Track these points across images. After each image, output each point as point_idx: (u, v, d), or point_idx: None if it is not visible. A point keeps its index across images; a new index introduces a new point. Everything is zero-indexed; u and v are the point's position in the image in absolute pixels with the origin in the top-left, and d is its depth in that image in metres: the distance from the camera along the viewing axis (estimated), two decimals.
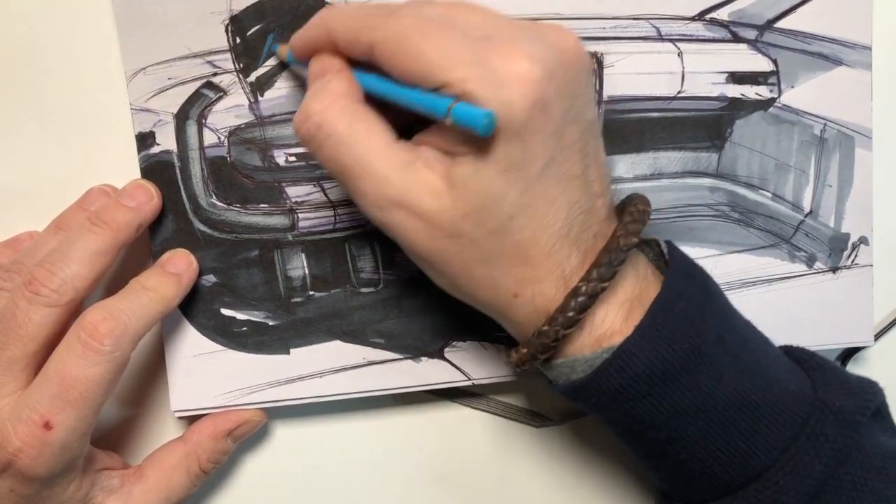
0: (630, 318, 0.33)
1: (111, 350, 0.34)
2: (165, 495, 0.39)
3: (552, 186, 0.31)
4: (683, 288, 0.33)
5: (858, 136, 0.42)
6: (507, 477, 0.45)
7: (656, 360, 0.32)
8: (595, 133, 0.33)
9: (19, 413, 0.34)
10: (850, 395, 0.35)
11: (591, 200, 0.32)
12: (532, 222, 0.31)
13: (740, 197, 0.42)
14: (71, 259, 0.35)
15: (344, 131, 0.31)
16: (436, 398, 0.44)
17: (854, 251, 0.42)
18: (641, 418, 0.33)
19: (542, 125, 0.30)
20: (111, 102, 0.40)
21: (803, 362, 0.37)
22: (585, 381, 0.33)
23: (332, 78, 0.33)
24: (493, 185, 0.30)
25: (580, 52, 0.31)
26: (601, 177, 0.33)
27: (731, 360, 0.33)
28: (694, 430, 0.33)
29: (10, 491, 0.35)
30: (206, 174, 0.40)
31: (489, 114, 0.28)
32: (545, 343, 0.32)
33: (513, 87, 0.29)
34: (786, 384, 0.35)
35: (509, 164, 0.30)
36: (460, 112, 0.29)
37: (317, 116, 0.32)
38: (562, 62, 0.30)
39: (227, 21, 0.39)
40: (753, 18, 0.41)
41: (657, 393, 0.32)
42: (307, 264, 0.41)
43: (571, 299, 0.32)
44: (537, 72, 0.29)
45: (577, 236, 0.32)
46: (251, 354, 0.41)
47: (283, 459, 0.44)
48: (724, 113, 0.41)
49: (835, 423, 0.33)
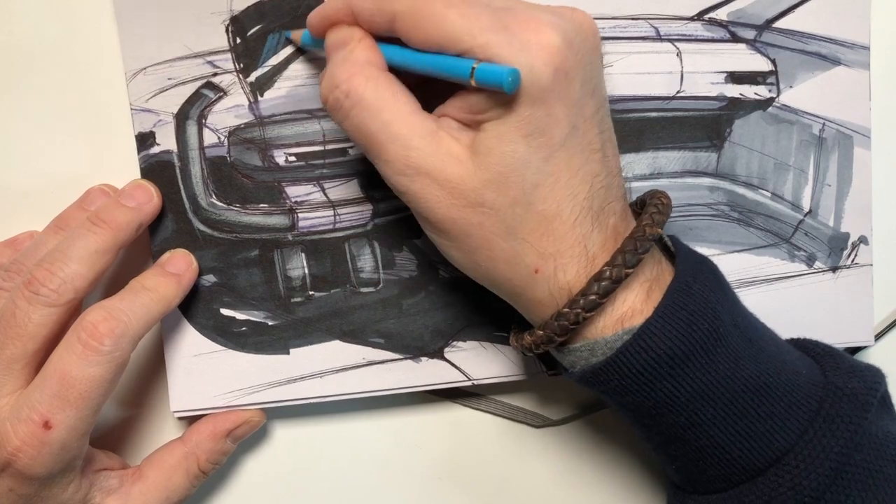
0: (651, 299, 0.33)
1: (111, 350, 0.34)
2: (165, 496, 0.39)
3: (575, 155, 0.31)
4: (696, 272, 0.34)
5: (857, 136, 0.42)
6: (507, 477, 0.45)
7: (677, 341, 0.32)
8: (608, 112, 0.34)
9: (19, 412, 0.34)
10: (859, 379, 0.35)
11: (609, 177, 0.33)
12: (555, 192, 0.31)
13: (739, 196, 0.42)
14: (71, 259, 0.36)
15: (370, 98, 0.32)
16: (436, 398, 0.44)
17: (854, 251, 0.42)
18: (661, 401, 0.33)
19: (564, 92, 0.30)
20: (111, 102, 0.40)
21: (809, 349, 0.38)
22: (606, 364, 0.33)
23: (356, 46, 0.33)
24: (516, 151, 0.30)
25: (594, 28, 0.32)
26: (616, 155, 0.34)
27: (746, 344, 0.33)
28: (713, 413, 0.33)
29: (9, 490, 0.35)
30: (206, 174, 0.40)
31: (514, 71, 0.29)
32: (564, 325, 0.32)
33: (535, 52, 0.29)
34: (798, 368, 0.35)
35: (533, 128, 0.30)
36: (485, 71, 0.29)
37: (344, 85, 0.32)
38: (579, 34, 0.31)
39: (228, 21, 0.39)
40: (752, 18, 0.41)
41: (678, 374, 0.32)
42: (307, 264, 0.41)
43: (595, 283, 0.32)
44: (558, 40, 0.30)
45: (600, 211, 0.32)
46: (251, 354, 0.41)
47: (283, 459, 0.44)
48: (723, 113, 0.41)
49: (848, 404, 0.33)
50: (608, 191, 0.33)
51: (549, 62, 0.30)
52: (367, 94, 0.32)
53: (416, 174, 0.32)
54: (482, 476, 0.45)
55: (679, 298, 0.32)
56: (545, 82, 0.30)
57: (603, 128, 0.33)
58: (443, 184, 0.31)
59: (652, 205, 0.34)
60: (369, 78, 0.32)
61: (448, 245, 0.34)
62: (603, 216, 0.32)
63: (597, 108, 0.32)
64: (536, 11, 0.31)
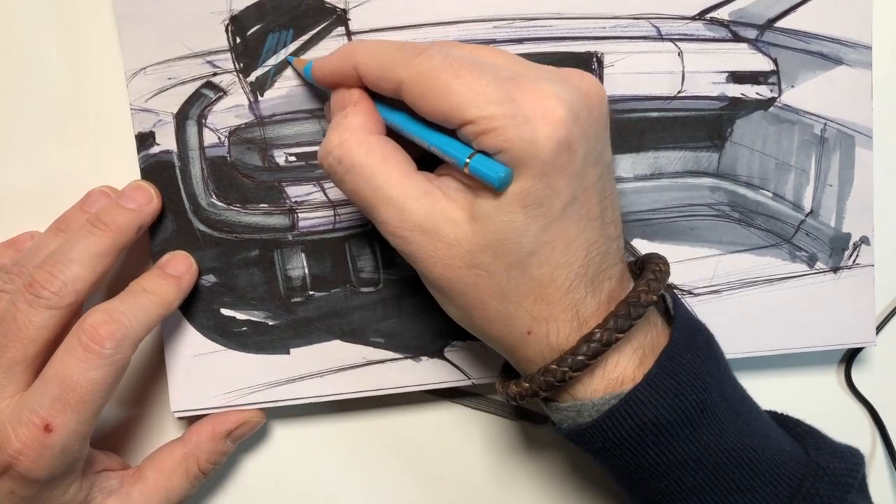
0: (643, 365, 0.33)
1: (112, 353, 0.34)
2: (165, 496, 0.39)
3: (573, 225, 0.31)
4: (690, 341, 0.34)
5: (859, 136, 0.42)
6: (507, 477, 0.45)
7: (663, 410, 0.32)
8: (611, 176, 0.34)
9: (19, 415, 0.34)
10: (840, 460, 0.35)
11: (607, 242, 0.33)
12: (551, 259, 0.31)
13: (741, 197, 0.42)
14: (71, 261, 0.36)
15: (362, 163, 0.32)
16: (436, 398, 0.44)
17: (855, 251, 0.42)
18: (644, 467, 0.33)
19: (565, 164, 0.30)
20: (111, 102, 0.40)
21: (791, 427, 0.38)
22: (592, 426, 0.33)
23: (350, 111, 0.33)
24: (514, 220, 0.31)
25: (602, 95, 0.32)
26: (616, 220, 0.34)
27: (732, 417, 0.34)
28: (694, 483, 0.33)
29: (10, 493, 0.35)
30: (206, 174, 0.40)
31: (506, 172, 0.30)
32: (550, 381, 0.32)
33: (539, 125, 0.30)
34: (782, 444, 0.35)
35: (532, 200, 0.30)
36: (478, 166, 0.30)
37: (336, 150, 0.33)
38: (585, 104, 0.31)
39: (227, 21, 0.39)
40: (754, 18, 0.41)
41: (662, 443, 0.33)
42: (307, 264, 0.41)
43: (585, 343, 0.32)
44: (563, 112, 0.30)
45: (594, 277, 0.32)
46: (251, 354, 0.41)
47: (283, 459, 0.44)
48: (725, 112, 0.41)
49: (829, 484, 0.34)
50: (605, 256, 0.33)
51: (553, 136, 0.30)
52: (358, 160, 0.32)
53: (411, 235, 0.32)
54: (482, 476, 0.45)
55: (669, 367, 0.32)
56: (547, 156, 0.30)
57: (604, 195, 0.33)
58: (438, 245, 0.32)
59: (650, 270, 0.34)
60: (361, 143, 0.32)
61: (444, 301, 0.34)
62: (598, 281, 0.33)
63: (598, 176, 0.32)
64: (543, 81, 0.31)
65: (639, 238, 0.42)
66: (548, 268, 0.31)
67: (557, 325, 0.32)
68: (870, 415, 0.46)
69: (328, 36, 0.39)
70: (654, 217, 0.41)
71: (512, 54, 0.34)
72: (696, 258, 0.42)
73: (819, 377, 0.46)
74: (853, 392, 0.46)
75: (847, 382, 0.46)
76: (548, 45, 0.40)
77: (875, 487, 0.46)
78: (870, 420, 0.46)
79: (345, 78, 0.34)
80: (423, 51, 0.31)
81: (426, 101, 0.31)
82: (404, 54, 0.32)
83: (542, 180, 0.30)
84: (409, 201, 0.32)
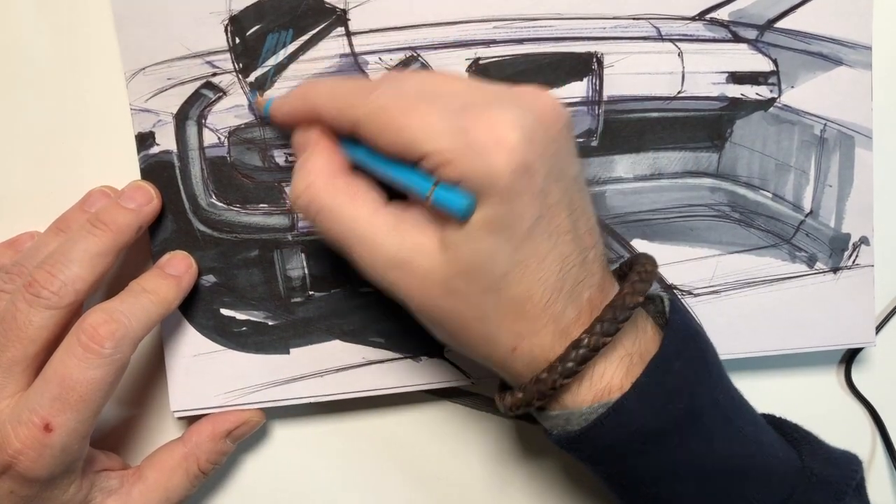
0: (630, 374, 0.33)
1: (111, 353, 0.34)
2: (165, 496, 0.39)
3: (543, 243, 0.31)
4: (682, 348, 0.34)
5: (858, 136, 0.42)
6: (507, 476, 0.45)
7: (651, 419, 0.32)
8: (580, 186, 0.33)
9: (19, 415, 0.34)
10: (835, 466, 0.35)
11: (582, 253, 0.33)
12: (525, 277, 0.31)
13: (741, 197, 0.42)
14: (71, 261, 0.36)
15: (329, 205, 0.33)
16: (435, 398, 0.44)
17: (855, 251, 0.42)
18: (633, 474, 0.34)
19: (525, 187, 0.30)
20: (111, 102, 0.40)
21: (787, 433, 0.38)
22: (580, 434, 0.33)
23: (310, 154, 0.34)
24: (483, 246, 0.31)
25: (557, 111, 0.32)
26: (590, 229, 0.34)
27: (723, 424, 0.34)
28: (683, 490, 0.33)
29: (10, 492, 0.35)
30: (205, 174, 0.40)
31: (469, 200, 0.30)
32: (542, 390, 0.33)
33: (493, 154, 0.29)
34: (775, 451, 0.35)
35: (497, 225, 0.30)
36: (441, 196, 0.30)
37: (304, 195, 0.33)
38: (541, 124, 0.31)
39: (227, 21, 0.39)
40: (754, 18, 0.41)
41: (650, 451, 0.33)
42: (307, 264, 0.41)
43: (573, 350, 0.32)
44: (516, 137, 0.30)
45: (573, 289, 0.32)
46: (251, 354, 0.41)
47: (283, 459, 0.44)
48: (725, 113, 0.41)
49: (822, 492, 0.34)
50: (581, 267, 0.33)
51: (509, 161, 0.29)
52: (326, 202, 0.33)
53: (385, 269, 0.32)
54: (482, 476, 0.45)
55: (657, 376, 0.32)
56: (505, 182, 0.30)
57: (573, 207, 0.32)
58: (413, 276, 0.32)
59: (635, 272, 0.34)
60: (326, 185, 0.33)
61: (429, 328, 0.34)
62: (576, 292, 0.33)
63: (564, 191, 0.32)
64: (495, 108, 0.30)
65: (639, 238, 0.42)
66: (523, 286, 0.31)
67: (540, 339, 0.32)
68: (870, 415, 0.46)
69: (328, 36, 0.39)
70: (654, 217, 0.41)
71: (466, 79, 0.34)
72: (695, 258, 0.42)
73: (819, 377, 0.46)
74: (853, 392, 0.46)
75: (847, 383, 0.46)
76: (548, 46, 0.40)
77: (875, 488, 0.46)
78: (870, 420, 0.46)
79: (302, 118, 0.35)
80: (374, 88, 0.32)
81: (382, 139, 0.31)
82: (357, 93, 0.32)
83: (505, 205, 0.30)
84: (379, 237, 0.32)
